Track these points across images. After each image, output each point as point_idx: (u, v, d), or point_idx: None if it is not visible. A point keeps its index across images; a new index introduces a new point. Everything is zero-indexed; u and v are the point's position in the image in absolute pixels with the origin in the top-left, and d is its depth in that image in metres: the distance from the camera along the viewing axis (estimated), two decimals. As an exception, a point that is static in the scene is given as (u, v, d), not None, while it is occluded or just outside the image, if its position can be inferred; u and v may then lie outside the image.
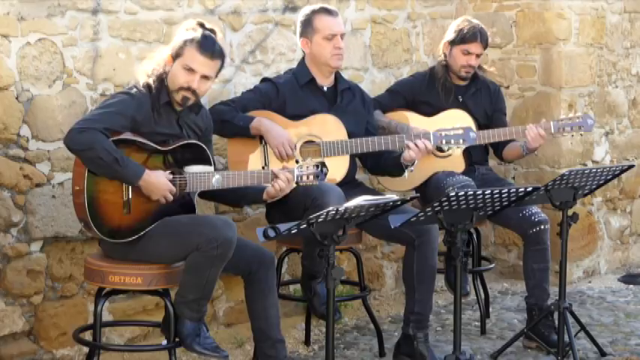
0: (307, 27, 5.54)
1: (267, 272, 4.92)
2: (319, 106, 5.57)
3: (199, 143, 4.87)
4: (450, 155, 6.00)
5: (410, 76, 6.45)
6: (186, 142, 4.83)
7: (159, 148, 4.76)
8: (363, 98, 5.77)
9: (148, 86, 4.76)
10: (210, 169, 4.85)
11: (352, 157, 5.61)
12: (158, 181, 4.70)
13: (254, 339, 5.03)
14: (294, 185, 4.94)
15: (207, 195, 5.01)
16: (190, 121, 4.91)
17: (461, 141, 5.55)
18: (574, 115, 6.01)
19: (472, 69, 6.10)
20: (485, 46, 6.13)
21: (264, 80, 5.66)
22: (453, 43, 6.10)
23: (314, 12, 5.55)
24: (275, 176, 4.91)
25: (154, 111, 4.75)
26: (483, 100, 6.22)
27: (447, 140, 5.54)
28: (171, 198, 4.73)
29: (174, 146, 4.79)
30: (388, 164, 5.63)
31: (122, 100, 4.70)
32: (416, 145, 5.46)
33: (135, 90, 4.76)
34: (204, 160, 4.85)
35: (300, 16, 5.62)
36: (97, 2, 5.43)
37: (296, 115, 5.50)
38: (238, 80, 6.07)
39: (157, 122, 4.76)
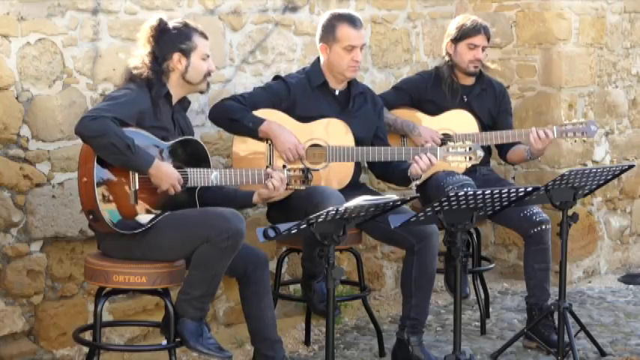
0: (328, 34, 5.47)
1: (262, 273, 4.93)
2: (329, 109, 5.53)
3: (197, 140, 4.93)
4: None
5: (416, 74, 6.45)
6: (185, 138, 4.89)
7: (162, 142, 4.79)
8: (375, 103, 5.72)
9: (147, 80, 4.78)
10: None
11: (357, 163, 5.59)
12: (167, 170, 4.72)
13: (251, 340, 5.03)
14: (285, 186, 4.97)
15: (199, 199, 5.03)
16: (180, 118, 4.97)
17: (468, 158, 5.44)
18: (577, 120, 6.00)
19: (480, 63, 6.10)
20: (489, 38, 6.13)
21: (277, 78, 5.62)
22: (456, 40, 6.10)
23: (338, 19, 5.46)
24: (269, 176, 4.92)
25: (154, 105, 4.78)
26: (488, 100, 6.21)
27: (454, 156, 5.42)
28: (179, 188, 4.75)
29: (173, 142, 4.83)
30: (396, 175, 5.59)
31: (127, 93, 4.73)
32: (422, 159, 5.36)
33: (134, 85, 4.78)
34: (202, 156, 4.90)
35: (322, 19, 5.55)
36: (97, 2, 5.43)
37: (305, 116, 5.48)
38: (238, 80, 6.06)
39: (157, 117, 4.79)
